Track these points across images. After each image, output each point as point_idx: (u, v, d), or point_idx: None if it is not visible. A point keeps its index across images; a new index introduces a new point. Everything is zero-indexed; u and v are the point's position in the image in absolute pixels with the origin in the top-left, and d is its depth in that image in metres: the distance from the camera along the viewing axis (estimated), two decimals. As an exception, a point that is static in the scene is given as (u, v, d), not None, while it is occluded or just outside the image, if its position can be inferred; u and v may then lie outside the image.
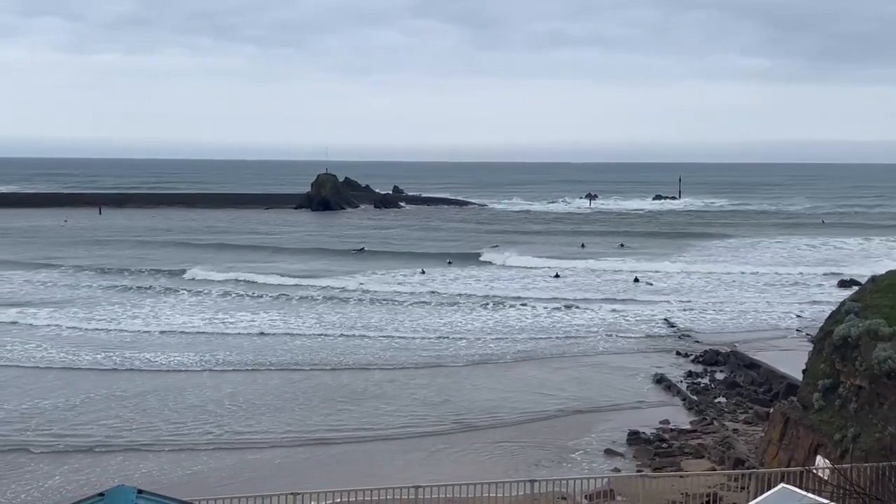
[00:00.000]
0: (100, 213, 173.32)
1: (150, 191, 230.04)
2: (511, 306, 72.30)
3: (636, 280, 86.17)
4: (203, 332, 61.73)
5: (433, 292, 79.10)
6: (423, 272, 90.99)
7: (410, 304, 73.34)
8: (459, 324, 65.59)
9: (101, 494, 12.95)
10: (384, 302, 74.18)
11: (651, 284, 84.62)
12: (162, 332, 61.73)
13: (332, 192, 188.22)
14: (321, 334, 61.70)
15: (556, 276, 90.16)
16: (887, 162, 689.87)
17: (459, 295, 77.83)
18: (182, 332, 61.63)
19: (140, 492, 13.04)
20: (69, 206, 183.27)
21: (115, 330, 62.33)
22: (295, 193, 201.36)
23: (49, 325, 63.57)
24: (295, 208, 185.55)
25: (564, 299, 75.79)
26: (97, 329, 62.44)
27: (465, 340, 59.95)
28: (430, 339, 60.70)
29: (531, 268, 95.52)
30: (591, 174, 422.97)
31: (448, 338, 60.82)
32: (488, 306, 72.29)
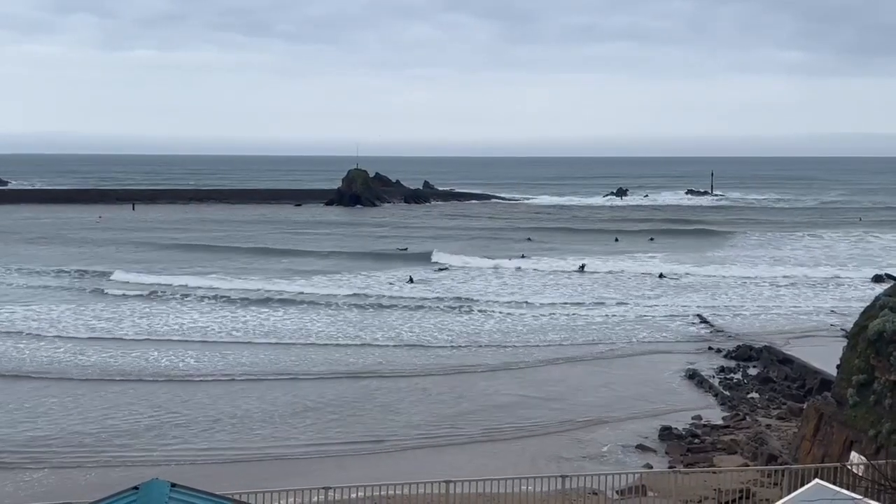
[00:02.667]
0: (133, 209, 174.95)
1: (182, 186, 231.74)
2: (540, 305, 71.96)
3: (661, 276, 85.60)
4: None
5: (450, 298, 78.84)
6: (445, 269, 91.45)
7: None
8: (487, 329, 65.43)
9: (136, 488, 13.06)
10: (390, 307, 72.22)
11: (678, 279, 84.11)
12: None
13: (362, 187, 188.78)
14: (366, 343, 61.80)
15: (582, 268, 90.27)
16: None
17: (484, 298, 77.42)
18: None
19: (174, 485, 13.14)
20: (102, 202, 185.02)
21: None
22: (326, 189, 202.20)
23: None
24: (326, 204, 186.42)
25: (594, 297, 75.59)
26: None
27: (490, 346, 59.90)
28: (455, 343, 60.74)
29: (556, 265, 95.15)
30: (623, 168, 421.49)
31: (477, 344, 60.71)
32: (522, 306, 71.89)
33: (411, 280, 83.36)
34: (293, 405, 43.86)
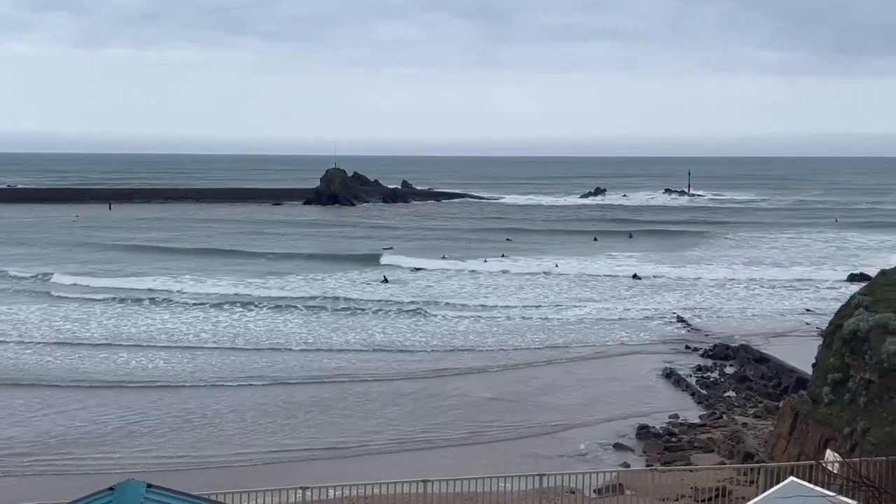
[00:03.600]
0: (110, 208, 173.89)
1: (159, 186, 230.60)
2: (512, 307, 71.69)
3: (635, 276, 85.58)
4: None
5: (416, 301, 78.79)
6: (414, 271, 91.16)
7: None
8: (461, 331, 65.37)
9: (112, 488, 12.96)
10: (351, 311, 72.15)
11: (653, 279, 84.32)
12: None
13: (340, 186, 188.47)
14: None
15: (556, 265, 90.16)
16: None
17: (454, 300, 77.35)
18: None
19: (150, 486, 13.05)
20: (78, 201, 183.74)
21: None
22: (304, 188, 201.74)
23: None
24: (304, 203, 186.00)
25: (571, 297, 75.76)
26: None
27: (466, 348, 59.79)
28: (434, 346, 60.63)
29: (534, 266, 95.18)
30: (602, 168, 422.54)
31: (460, 348, 60.56)
32: (494, 308, 71.55)
33: (385, 280, 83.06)
34: (265, 408, 43.52)
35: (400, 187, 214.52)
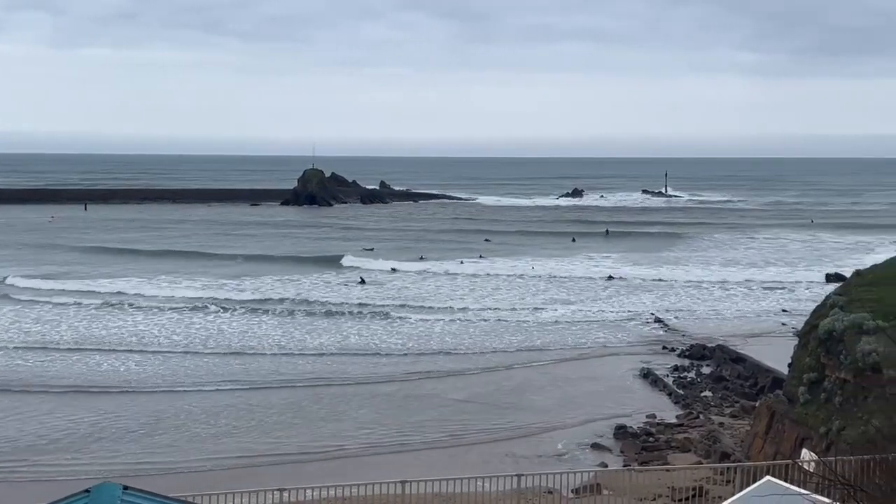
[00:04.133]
0: (85, 209, 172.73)
1: (137, 186, 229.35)
2: (488, 309, 71.76)
3: (610, 278, 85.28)
4: None
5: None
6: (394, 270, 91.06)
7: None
8: (436, 333, 65.29)
9: (87, 491, 12.87)
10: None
11: (630, 280, 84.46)
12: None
13: (318, 187, 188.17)
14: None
15: (532, 267, 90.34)
16: (876, 157, 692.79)
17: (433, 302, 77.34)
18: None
19: (126, 488, 12.97)
20: (54, 202, 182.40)
21: None
22: (282, 189, 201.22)
23: None
24: (281, 204, 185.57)
25: (548, 298, 75.95)
26: None
27: (442, 351, 59.79)
28: (408, 349, 60.60)
29: (512, 266, 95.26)
30: (580, 169, 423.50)
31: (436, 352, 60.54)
32: (468, 311, 71.48)
33: (362, 281, 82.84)
34: (238, 411, 43.24)
35: (378, 188, 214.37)
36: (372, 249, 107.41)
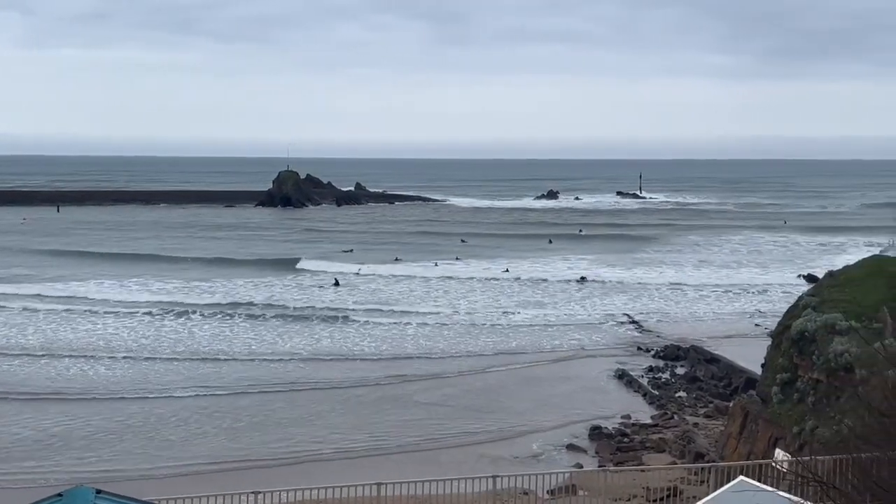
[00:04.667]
0: (58, 210, 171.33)
1: (110, 188, 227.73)
2: (462, 311, 71.63)
3: (582, 279, 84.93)
4: None
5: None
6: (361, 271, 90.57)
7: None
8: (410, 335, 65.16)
9: (60, 495, 12.78)
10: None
11: (605, 282, 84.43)
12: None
13: (293, 189, 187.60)
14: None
15: (507, 270, 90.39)
16: (846, 158, 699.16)
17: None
18: None
19: (99, 492, 12.89)
20: (27, 204, 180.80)
21: None
22: (257, 190, 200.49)
23: None
24: (256, 205, 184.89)
25: (523, 300, 76.09)
26: None
27: (417, 354, 59.63)
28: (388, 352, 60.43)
29: (485, 268, 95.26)
30: (556, 170, 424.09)
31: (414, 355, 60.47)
32: (440, 315, 71.24)
33: (337, 283, 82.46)
34: (209, 415, 42.89)
35: (353, 190, 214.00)
36: (351, 251, 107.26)
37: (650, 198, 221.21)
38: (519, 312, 69.59)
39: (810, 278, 75.42)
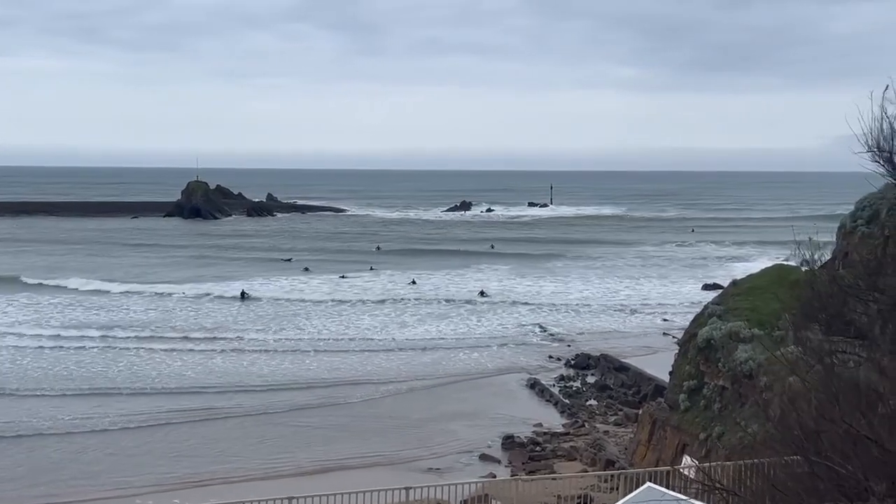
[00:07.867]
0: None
1: (10, 199, 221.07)
2: (364, 330, 69.52)
3: (482, 293, 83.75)
4: None
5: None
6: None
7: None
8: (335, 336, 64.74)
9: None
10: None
11: (513, 293, 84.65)
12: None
13: (202, 199, 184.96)
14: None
15: (414, 282, 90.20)
16: (751, 170, 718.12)
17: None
18: None
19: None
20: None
21: None
22: (165, 201, 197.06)
23: None
24: (164, 216, 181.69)
25: (430, 311, 76.10)
26: None
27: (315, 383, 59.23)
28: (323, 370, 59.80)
29: (393, 277, 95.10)
30: (469, 182, 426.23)
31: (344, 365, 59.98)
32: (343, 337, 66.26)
33: (243, 296, 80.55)
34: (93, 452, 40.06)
35: (265, 200, 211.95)
36: (290, 260, 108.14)
37: (561, 209, 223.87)
38: (429, 325, 69.23)
39: (715, 287, 77.07)
